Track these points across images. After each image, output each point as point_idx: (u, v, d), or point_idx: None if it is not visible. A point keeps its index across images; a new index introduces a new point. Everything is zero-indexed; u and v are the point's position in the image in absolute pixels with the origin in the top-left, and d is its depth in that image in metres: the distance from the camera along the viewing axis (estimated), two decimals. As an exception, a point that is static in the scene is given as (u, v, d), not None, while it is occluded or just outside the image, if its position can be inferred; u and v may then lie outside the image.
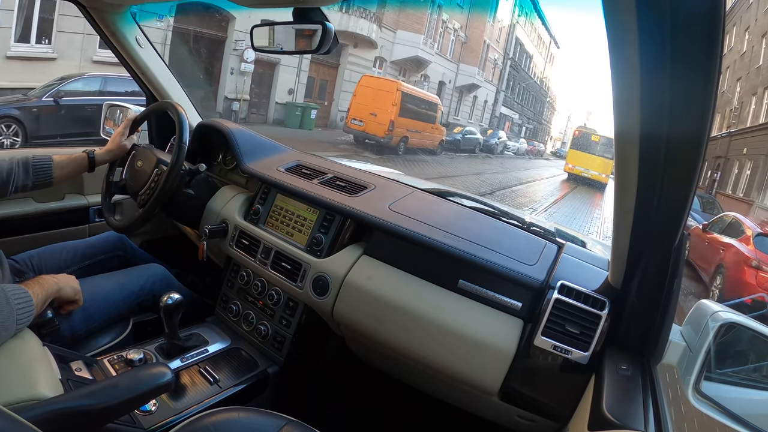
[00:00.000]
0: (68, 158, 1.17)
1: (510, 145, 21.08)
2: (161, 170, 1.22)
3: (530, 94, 30.62)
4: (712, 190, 15.20)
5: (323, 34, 0.95)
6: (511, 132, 25.84)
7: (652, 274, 0.71)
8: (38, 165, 1.10)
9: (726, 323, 0.76)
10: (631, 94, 0.45)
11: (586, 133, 16.32)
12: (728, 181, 14.84)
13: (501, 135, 19.90)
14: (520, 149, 23.02)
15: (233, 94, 10.77)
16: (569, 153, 16.71)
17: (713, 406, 0.72)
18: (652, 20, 0.39)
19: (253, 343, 1.20)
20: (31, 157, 1.10)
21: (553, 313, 0.84)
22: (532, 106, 31.66)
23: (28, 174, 1.08)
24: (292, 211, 1.21)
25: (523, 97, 29.00)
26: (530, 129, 31.87)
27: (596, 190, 14.73)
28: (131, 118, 1.32)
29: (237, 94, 10.77)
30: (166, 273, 1.28)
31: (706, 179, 15.89)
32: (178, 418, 0.90)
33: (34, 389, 0.66)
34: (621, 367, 0.73)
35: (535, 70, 30.13)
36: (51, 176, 1.12)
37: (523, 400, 0.90)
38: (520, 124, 29.04)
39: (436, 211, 1.14)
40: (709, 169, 15.90)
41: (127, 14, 1.38)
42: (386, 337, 0.98)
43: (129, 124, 1.31)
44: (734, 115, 15.22)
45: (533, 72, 29.81)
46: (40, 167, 1.10)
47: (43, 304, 0.88)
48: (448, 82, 19.09)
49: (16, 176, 1.06)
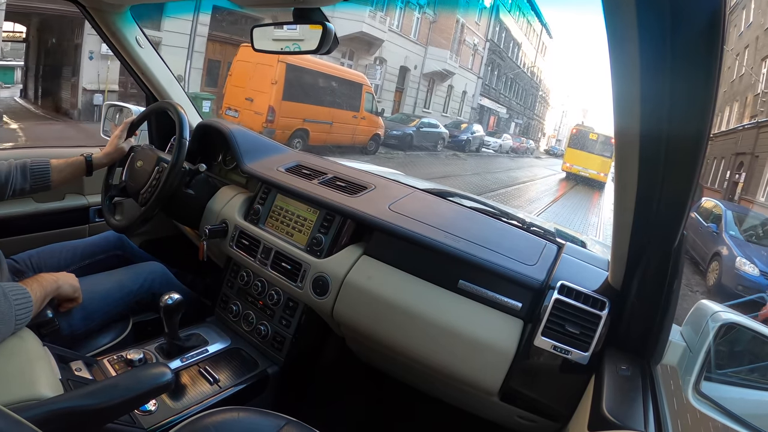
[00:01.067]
0: (66, 162, 1.17)
1: (489, 142, 17.80)
2: (162, 167, 1.23)
3: (519, 86, 27.11)
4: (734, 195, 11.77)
5: (323, 34, 0.95)
6: (497, 128, 22.82)
7: (652, 274, 0.71)
8: (36, 169, 1.11)
9: (726, 323, 0.76)
10: (632, 92, 0.45)
11: (584, 131, 15.96)
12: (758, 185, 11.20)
13: (477, 130, 16.55)
14: (503, 146, 19.51)
15: (94, 84, 8.43)
16: (567, 151, 16.37)
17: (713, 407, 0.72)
18: (653, 18, 0.39)
19: (253, 343, 1.20)
20: (29, 161, 1.10)
21: (553, 313, 0.84)
22: (521, 100, 28.06)
23: (26, 178, 1.09)
24: (292, 212, 1.21)
25: (511, 89, 25.49)
26: (520, 125, 28.47)
27: (593, 190, 14.27)
28: (128, 120, 1.33)
29: (100, 84, 8.43)
30: (165, 271, 1.28)
31: (724, 181, 12.56)
32: (178, 418, 0.90)
33: (34, 389, 0.66)
34: (621, 367, 0.73)
35: (524, 60, 26.40)
36: (49, 180, 1.13)
37: (523, 401, 0.90)
38: (508, 119, 25.76)
39: (436, 211, 1.14)
40: (728, 168, 12.60)
41: (127, 14, 1.38)
42: (386, 337, 0.98)
43: (126, 126, 1.31)
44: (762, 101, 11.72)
45: (522, 62, 26.04)
46: (38, 171, 1.11)
47: (42, 302, 0.88)
48: (413, 67, 16.04)
49: (14, 180, 1.07)
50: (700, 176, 0.54)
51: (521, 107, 28.62)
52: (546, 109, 37.21)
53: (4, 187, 1.06)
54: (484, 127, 20.51)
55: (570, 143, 16.15)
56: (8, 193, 1.06)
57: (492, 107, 23.34)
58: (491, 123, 22.94)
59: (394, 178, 1.38)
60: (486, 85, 21.84)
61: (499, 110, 24.22)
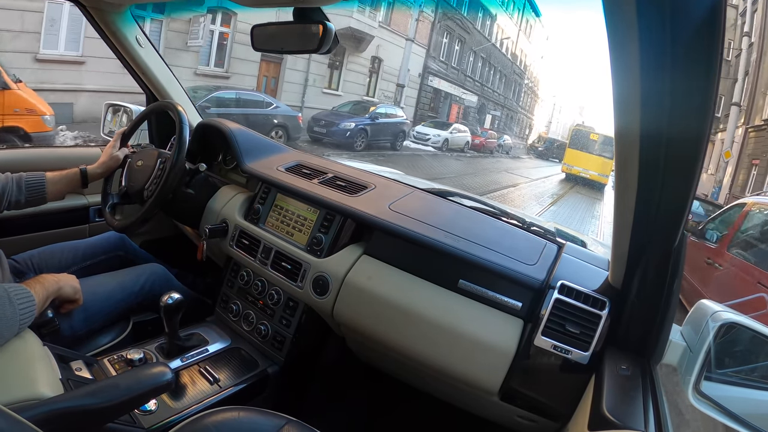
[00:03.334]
0: (61, 175, 1.18)
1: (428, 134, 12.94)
2: (165, 159, 1.23)
3: (497, 70, 21.24)
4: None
5: (323, 34, 0.95)
6: (465, 119, 17.68)
7: (653, 274, 0.71)
8: (31, 182, 1.12)
9: (726, 323, 0.76)
10: (632, 92, 0.45)
11: (584, 131, 15.53)
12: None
13: (397, 113, 11.59)
14: (452, 142, 13.74)
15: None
16: (567, 152, 15.79)
17: (713, 406, 0.72)
18: (653, 18, 0.39)
19: (253, 343, 1.20)
20: (24, 175, 1.12)
21: (553, 313, 0.84)
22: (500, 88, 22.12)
23: (21, 190, 1.10)
24: (293, 211, 1.21)
25: (485, 73, 19.93)
26: (499, 118, 22.63)
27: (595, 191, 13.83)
28: (120, 132, 1.33)
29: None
30: (166, 272, 1.28)
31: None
32: (178, 417, 0.90)
33: (34, 389, 0.66)
34: (621, 367, 0.73)
35: (501, 37, 20.49)
36: (44, 193, 1.14)
37: (523, 400, 0.90)
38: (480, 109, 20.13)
39: (436, 210, 1.14)
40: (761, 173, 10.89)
41: (127, 14, 1.38)
42: (386, 336, 0.98)
43: (119, 137, 1.31)
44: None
45: (498, 41, 20.33)
46: (33, 184, 1.12)
47: (44, 304, 0.88)
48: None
49: (9, 192, 1.08)
50: (700, 176, 0.54)
51: (501, 97, 23.04)
52: (535, 102, 31.99)
53: (0, 200, 1.07)
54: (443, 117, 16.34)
55: (570, 144, 15.76)
56: (3, 206, 1.08)
57: (454, 93, 17.71)
58: (453, 113, 18.02)
59: (394, 178, 1.38)
60: (442, 63, 16.16)
61: (464, 97, 18.53)
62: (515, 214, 1.31)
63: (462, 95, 18.50)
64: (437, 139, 13.11)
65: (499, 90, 22.67)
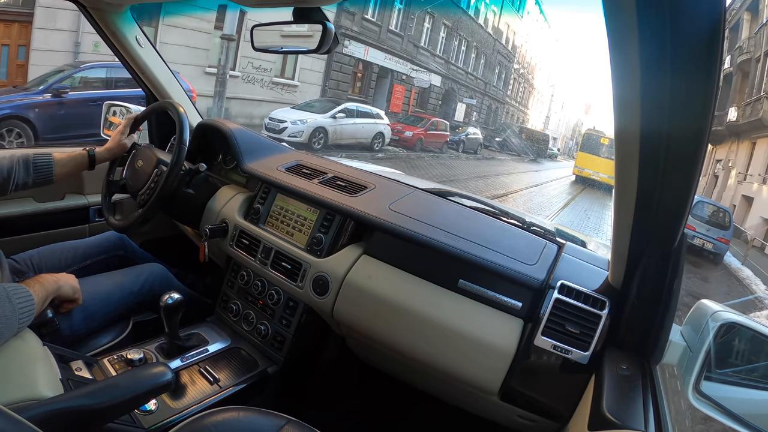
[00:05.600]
0: (68, 156, 1.17)
1: (284, 122, 8.19)
2: (161, 170, 1.22)
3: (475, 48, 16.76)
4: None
5: (323, 34, 0.95)
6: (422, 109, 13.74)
7: (652, 274, 0.71)
8: (39, 162, 1.10)
9: (726, 323, 0.76)
10: (632, 93, 0.45)
11: (595, 135, 16.36)
12: None
13: None
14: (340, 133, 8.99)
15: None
16: (578, 155, 16.61)
17: (713, 406, 0.72)
18: (653, 19, 0.39)
19: (253, 343, 1.20)
20: (31, 155, 1.10)
21: (553, 312, 0.84)
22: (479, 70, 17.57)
23: (29, 171, 1.09)
24: (293, 211, 1.21)
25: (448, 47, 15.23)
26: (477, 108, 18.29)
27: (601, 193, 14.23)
28: (132, 116, 1.32)
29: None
30: (166, 272, 1.28)
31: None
32: (178, 417, 0.91)
33: (34, 389, 0.66)
34: (621, 367, 0.73)
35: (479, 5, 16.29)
36: (52, 174, 1.13)
37: (523, 400, 0.90)
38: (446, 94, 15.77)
39: (436, 210, 1.14)
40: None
41: (127, 14, 1.38)
42: (386, 336, 0.98)
43: (130, 122, 1.31)
44: None
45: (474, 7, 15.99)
46: (41, 165, 1.11)
47: (44, 303, 0.88)
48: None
49: (17, 174, 1.06)
50: (699, 176, 0.54)
51: (481, 83, 18.00)
52: (530, 93, 26.75)
53: (7, 182, 1.05)
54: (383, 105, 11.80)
55: (581, 147, 16.60)
56: (11, 188, 1.06)
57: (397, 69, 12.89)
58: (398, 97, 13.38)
59: (394, 178, 1.38)
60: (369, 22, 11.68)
61: (415, 76, 13.65)
62: (515, 214, 1.31)
63: (419, 76, 13.55)
64: (298, 127, 8.11)
65: (475, 73, 17.62)
